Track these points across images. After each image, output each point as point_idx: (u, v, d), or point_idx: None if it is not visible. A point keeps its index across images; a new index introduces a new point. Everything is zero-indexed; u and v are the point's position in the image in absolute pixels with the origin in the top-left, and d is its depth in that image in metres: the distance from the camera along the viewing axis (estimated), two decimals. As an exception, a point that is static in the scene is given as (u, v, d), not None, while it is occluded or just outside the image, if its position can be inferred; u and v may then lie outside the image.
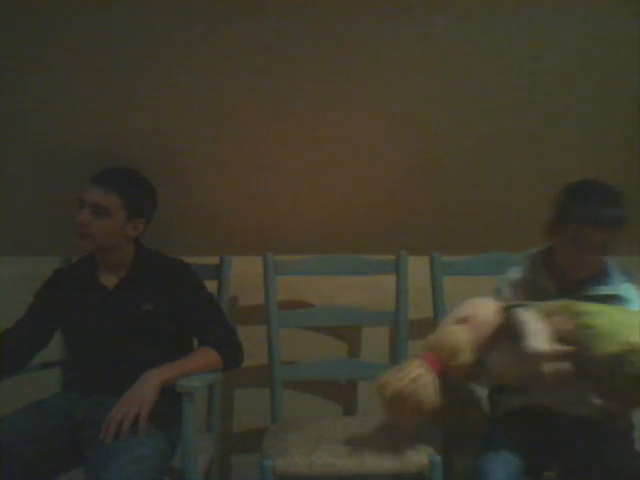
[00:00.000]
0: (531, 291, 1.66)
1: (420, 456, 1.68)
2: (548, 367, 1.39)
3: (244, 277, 2.18)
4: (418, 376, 1.51)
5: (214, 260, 2.04)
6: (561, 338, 1.43)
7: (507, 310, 1.54)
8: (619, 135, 2.12)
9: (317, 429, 1.87)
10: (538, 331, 1.43)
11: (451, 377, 1.53)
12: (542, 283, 1.66)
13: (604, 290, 1.60)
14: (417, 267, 2.14)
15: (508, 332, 1.50)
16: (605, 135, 2.11)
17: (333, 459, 1.65)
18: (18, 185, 2.04)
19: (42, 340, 1.81)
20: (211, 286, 1.93)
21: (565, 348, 1.41)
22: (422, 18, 1.74)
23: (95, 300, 1.77)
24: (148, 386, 1.54)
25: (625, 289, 1.61)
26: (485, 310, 1.59)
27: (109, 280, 1.79)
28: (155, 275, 1.79)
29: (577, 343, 1.42)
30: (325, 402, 2.38)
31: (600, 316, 1.44)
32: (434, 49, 1.82)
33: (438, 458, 1.67)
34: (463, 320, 1.57)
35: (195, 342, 1.85)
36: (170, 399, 1.58)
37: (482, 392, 1.71)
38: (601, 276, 1.63)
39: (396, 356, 2.07)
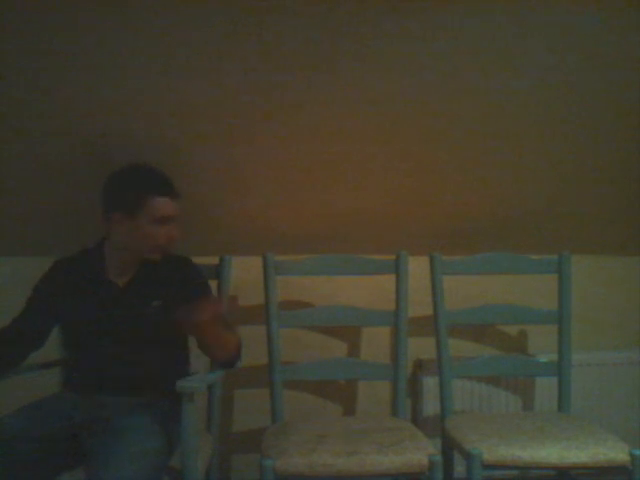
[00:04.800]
0: None
1: (420, 456, 1.68)
2: None
3: (244, 277, 2.18)
4: None
5: (214, 260, 2.04)
6: None
7: None
8: (619, 137, 2.12)
9: (317, 429, 1.87)
10: None
11: None
12: None
13: None
14: (417, 267, 2.14)
15: None
16: (606, 137, 2.11)
17: (333, 459, 1.65)
18: (18, 185, 2.04)
19: (41, 336, 1.79)
20: (211, 286, 1.93)
21: None
22: (426, 17, 1.74)
23: (104, 296, 1.76)
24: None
25: None
26: None
27: (119, 276, 1.78)
28: (164, 272, 1.79)
29: None
30: (325, 402, 2.38)
31: None
32: (434, 51, 1.82)
33: (438, 458, 1.67)
34: None
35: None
36: (170, 398, 1.58)
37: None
38: None
39: (396, 356, 2.07)
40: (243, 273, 2.17)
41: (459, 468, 2.00)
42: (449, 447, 1.99)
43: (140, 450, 1.46)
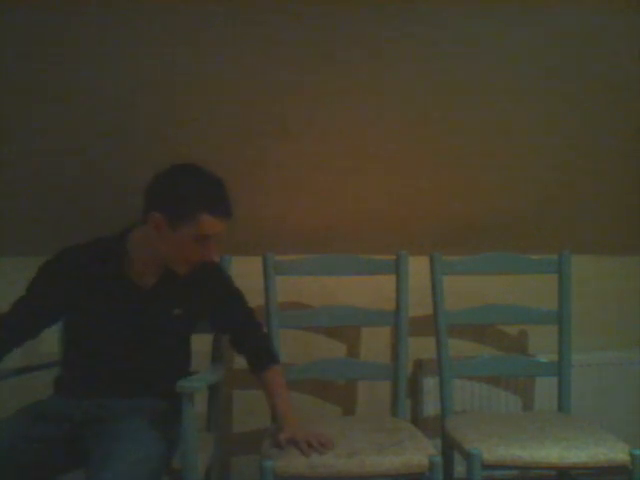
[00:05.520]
0: None
1: (420, 456, 1.68)
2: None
3: (244, 277, 2.18)
4: None
5: (214, 260, 2.04)
6: None
7: None
8: (619, 137, 2.12)
9: (317, 429, 1.87)
10: None
11: None
12: None
13: None
14: (417, 267, 2.14)
15: None
16: (606, 136, 2.11)
17: (333, 459, 1.65)
18: (18, 185, 2.04)
19: (43, 325, 1.70)
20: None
21: None
22: (428, 19, 1.74)
23: (127, 297, 1.66)
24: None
25: None
26: None
27: (143, 277, 1.67)
28: (189, 276, 1.70)
29: None
30: (325, 402, 2.38)
31: None
32: (435, 52, 1.82)
33: (438, 458, 1.67)
34: None
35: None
36: (171, 398, 1.57)
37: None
38: None
39: (396, 356, 2.07)
40: (243, 273, 2.16)
41: (459, 468, 2.00)
42: (449, 447, 1.99)
43: (139, 455, 1.42)
